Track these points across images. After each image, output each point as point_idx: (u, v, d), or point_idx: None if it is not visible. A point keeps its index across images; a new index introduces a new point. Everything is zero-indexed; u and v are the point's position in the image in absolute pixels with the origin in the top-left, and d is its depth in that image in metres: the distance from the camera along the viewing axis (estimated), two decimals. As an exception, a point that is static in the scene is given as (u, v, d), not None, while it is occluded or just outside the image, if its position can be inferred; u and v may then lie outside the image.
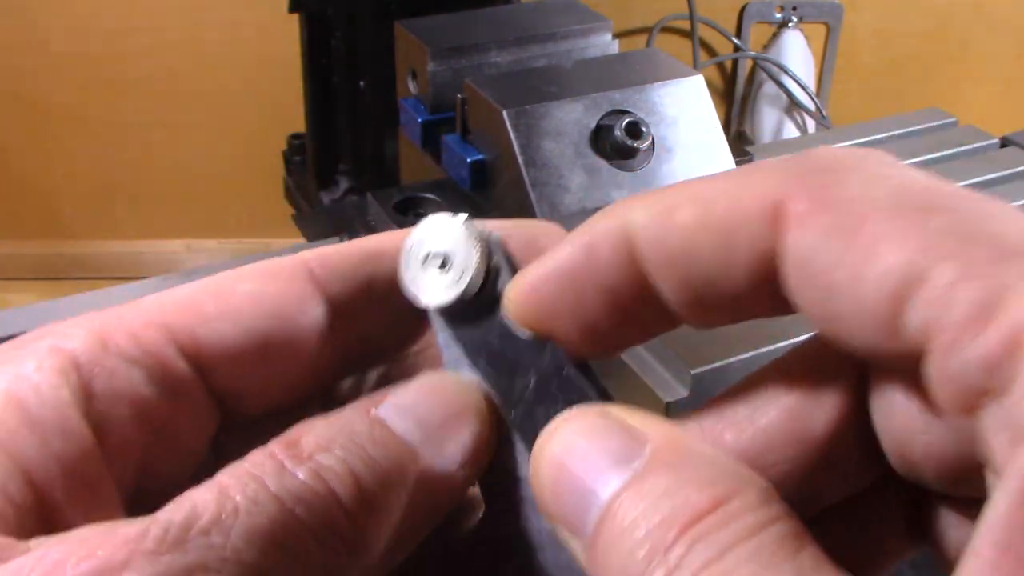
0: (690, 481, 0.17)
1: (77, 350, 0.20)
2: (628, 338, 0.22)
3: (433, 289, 0.22)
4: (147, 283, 0.58)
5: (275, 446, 0.19)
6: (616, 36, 0.66)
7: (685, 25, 1.13)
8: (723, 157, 0.55)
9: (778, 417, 0.21)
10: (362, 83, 0.78)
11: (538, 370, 0.22)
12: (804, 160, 0.19)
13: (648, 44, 1.13)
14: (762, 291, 0.19)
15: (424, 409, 0.21)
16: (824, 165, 0.18)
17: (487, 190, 0.55)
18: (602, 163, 0.52)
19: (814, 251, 0.18)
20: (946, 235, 0.17)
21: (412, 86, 0.64)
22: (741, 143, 1.00)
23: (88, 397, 0.19)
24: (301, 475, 0.18)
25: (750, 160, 0.59)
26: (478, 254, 0.22)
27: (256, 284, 0.22)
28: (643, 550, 0.17)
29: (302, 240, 0.73)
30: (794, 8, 1.16)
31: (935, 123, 0.80)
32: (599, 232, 0.20)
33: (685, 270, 0.19)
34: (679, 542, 0.17)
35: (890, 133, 0.79)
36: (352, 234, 0.57)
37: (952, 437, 0.18)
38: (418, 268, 0.22)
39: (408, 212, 0.56)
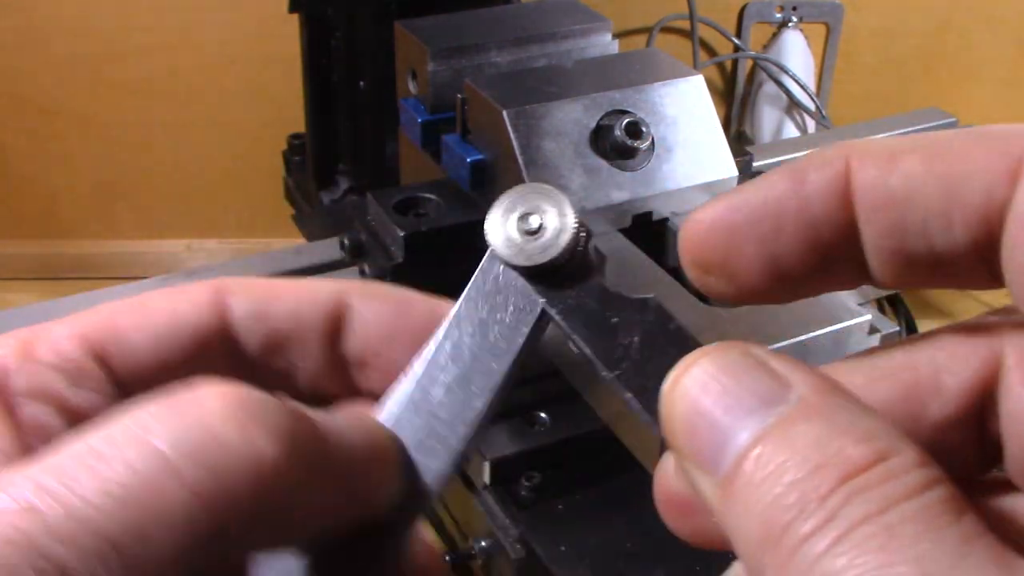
0: (845, 433, 0.17)
1: (6, 356, 0.22)
2: (805, 288, 0.21)
3: (528, 250, 0.23)
4: (147, 283, 0.58)
5: None
6: (616, 36, 0.66)
7: (685, 25, 1.13)
8: (723, 157, 0.55)
9: (892, 395, 0.20)
10: (362, 83, 0.78)
11: (644, 328, 0.22)
12: None
13: (648, 44, 1.13)
14: (974, 255, 0.18)
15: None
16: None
17: (487, 190, 0.55)
18: (602, 163, 0.52)
19: None
20: None
21: (412, 86, 0.64)
22: (741, 143, 1.00)
23: (10, 394, 0.21)
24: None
25: (750, 160, 0.59)
26: (574, 220, 0.23)
27: (166, 300, 0.24)
28: (792, 496, 0.16)
29: (302, 240, 0.73)
30: (794, 8, 1.16)
31: (935, 123, 0.80)
32: (814, 164, 0.20)
33: (900, 218, 0.19)
34: (837, 492, 0.16)
35: (890, 133, 0.79)
36: (352, 234, 0.57)
37: None
38: (511, 230, 0.23)
39: (408, 212, 0.56)
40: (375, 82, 0.76)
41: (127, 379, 0.23)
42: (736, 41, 1.16)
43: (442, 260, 0.54)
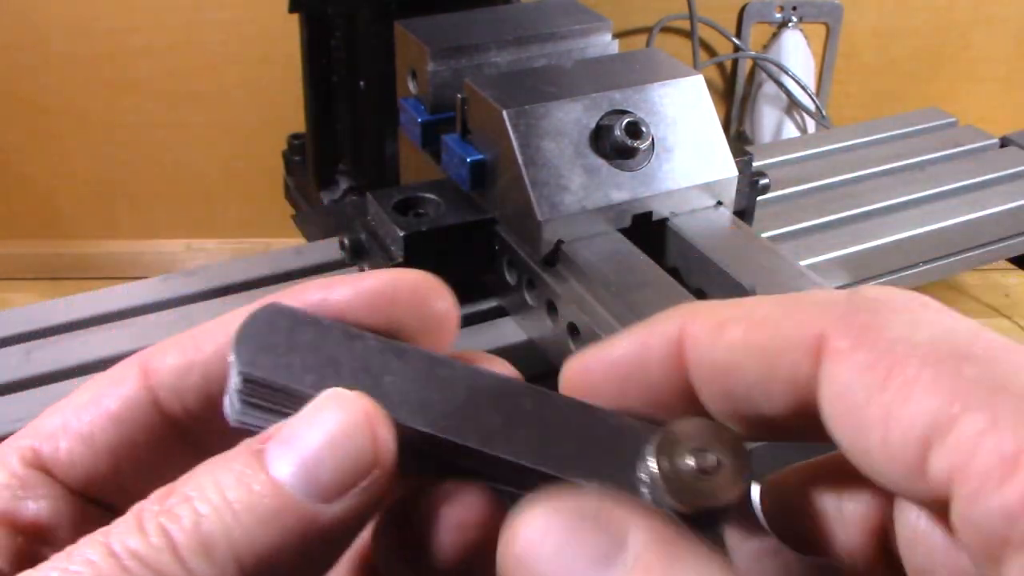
0: None
1: None
2: None
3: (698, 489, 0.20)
4: (147, 283, 0.58)
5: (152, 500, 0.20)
6: (616, 36, 0.66)
7: (685, 25, 1.13)
8: (723, 157, 0.55)
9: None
10: (362, 83, 0.78)
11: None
12: (852, 296, 0.19)
13: (648, 44, 1.13)
14: (799, 416, 0.19)
15: (315, 453, 0.19)
16: (871, 305, 0.19)
17: (487, 190, 0.55)
18: (602, 163, 0.52)
19: (849, 387, 0.18)
20: (977, 385, 0.17)
21: (412, 86, 0.64)
22: (741, 143, 1.00)
23: None
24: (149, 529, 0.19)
25: (750, 160, 0.59)
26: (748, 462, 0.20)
27: (91, 392, 0.24)
28: None
29: (302, 240, 0.73)
30: (794, 8, 1.16)
31: (935, 123, 0.80)
32: (656, 331, 0.21)
33: (728, 385, 0.20)
34: None
35: (890, 133, 0.79)
36: (352, 234, 0.57)
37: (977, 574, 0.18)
38: (679, 463, 0.20)
39: (408, 212, 0.56)
40: (375, 82, 0.76)
41: (74, 477, 0.23)
42: (736, 41, 1.16)
43: (442, 260, 0.54)
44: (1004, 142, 0.77)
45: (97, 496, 0.23)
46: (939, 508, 0.17)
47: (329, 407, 0.20)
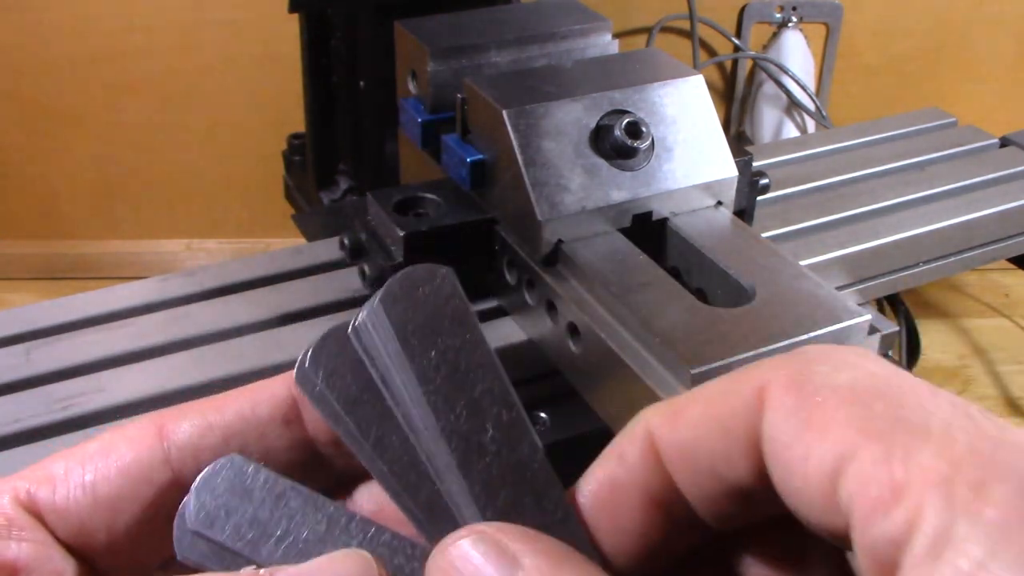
0: None
1: None
2: (672, 548, 0.23)
3: None
4: (147, 283, 0.58)
5: None
6: (616, 36, 0.66)
7: (685, 25, 1.13)
8: (723, 157, 0.55)
9: None
10: (362, 83, 0.78)
11: None
12: (795, 352, 0.21)
13: (648, 44, 1.13)
14: (763, 480, 0.20)
15: None
16: (806, 357, 0.20)
17: (487, 190, 0.55)
18: (602, 163, 0.52)
19: (781, 430, 0.19)
20: (882, 420, 0.18)
21: (412, 86, 0.64)
22: (741, 143, 1.00)
23: None
24: None
25: (750, 160, 0.59)
26: None
27: (101, 443, 0.24)
28: None
29: (302, 240, 0.73)
30: (794, 8, 1.16)
31: (935, 123, 0.80)
32: (625, 439, 0.22)
33: (696, 463, 0.21)
34: None
35: (890, 133, 0.79)
36: (352, 234, 0.57)
37: None
38: None
39: (408, 212, 0.56)
40: (375, 82, 0.76)
41: (64, 525, 0.24)
42: (736, 41, 1.16)
43: (442, 260, 0.54)
44: (1004, 142, 0.77)
45: (81, 549, 0.24)
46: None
47: (344, 560, 0.22)
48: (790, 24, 1.16)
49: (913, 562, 0.16)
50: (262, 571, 0.21)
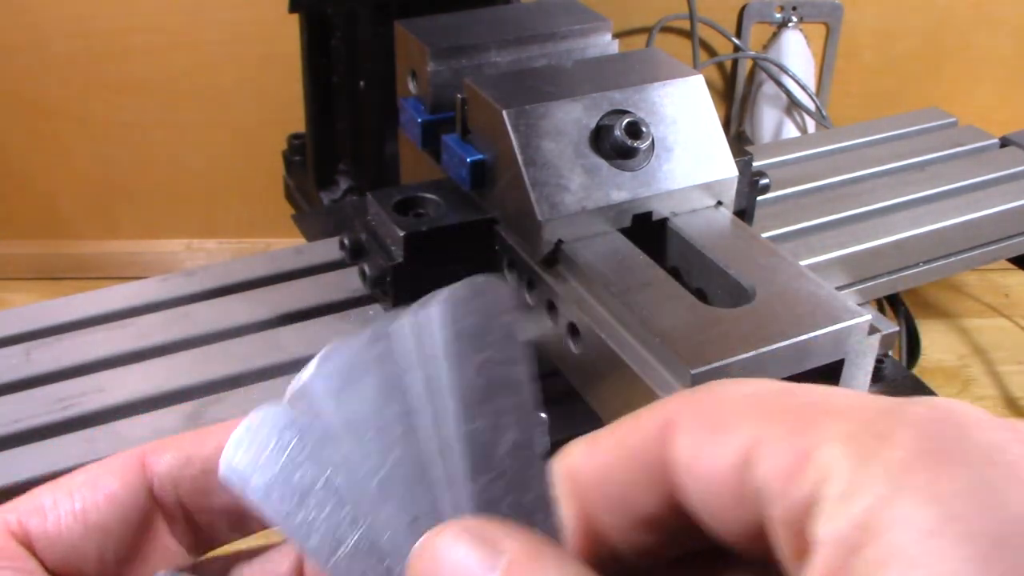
0: None
1: None
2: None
3: None
4: (147, 283, 0.58)
5: None
6: (616, 36, 0.66)
7: (685, 25, 1.13)
8: (723, 157, 0.55)
9: None
10: (362, 83, 0.78)
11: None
12: (697, 387, 0.22)
13: (648, 44, 1.13)
14: (675, 512, 0.21)
15: None
16: (710, 384, 0.21)
17: (487, 190, 0.55)
18: (602, 163, 0.52)
19: (688, 447, 0.20)
20: (786, 408, 0.19)
21: (412, 86, 0.64)
22: (741, 143, 1.00)
23: None
24: None
25: (750, 160, 0.59)
26: None
27: (87, 475, 0.25)
28: None
29: (302, 240, 0.73)
30: (794, 8, 1.16)
31: (935, 123, 0.80)
32: (556, 477, 0.23)
33: (608, 494, 0.22)
34: None
35: (890, 133, 0.79)
36: (352, 234, 0.57)
37: None
38: None
39: (408, 212, 0.56)
40: (375, 82, 0.76)
41: (53, 553, 0.24)
42: (736, 41, 1.16)
43: (442, 260, 0.54)
44: (1004, 142, 0.77)
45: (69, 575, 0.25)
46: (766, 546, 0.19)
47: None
48: (790, 24, 1.16)
49: (825, 516, 0.17)
50: None
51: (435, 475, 0.23)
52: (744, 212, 0.60)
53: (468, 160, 0.55)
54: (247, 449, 0.22)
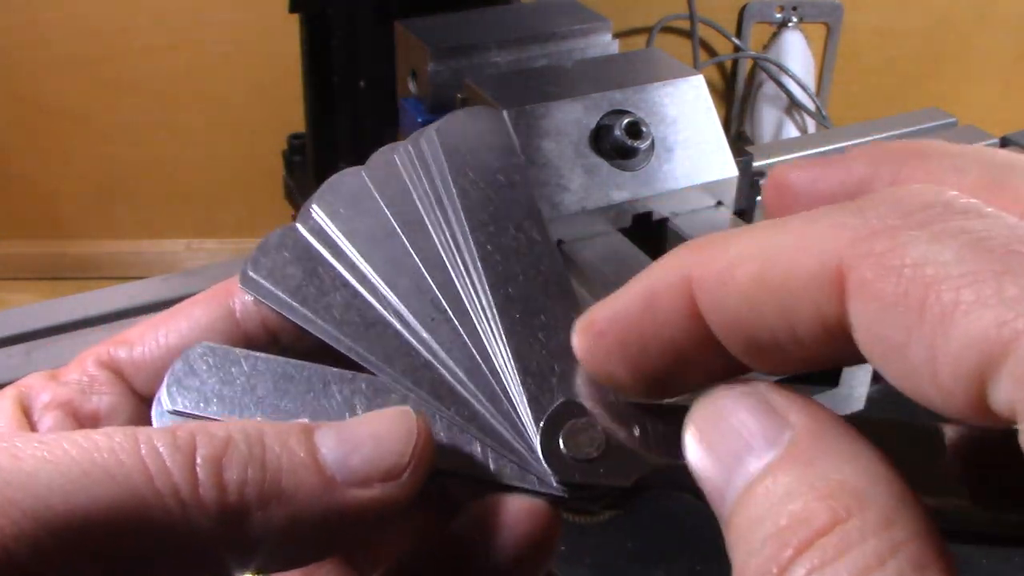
0: (813, 486, 0.17)
1: (36, 381, 0.27)
2: (692, 383, 0.21)
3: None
4: (147, 283, 0.58)
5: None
6: (616, 36, 0.66)
7: (685, 25, 1.13)
8: (723, 157, 0.55)
9: None
10: (362, 83, 0.78)
11: None
12: (867, 212, 0.18)
13: (648, 44, 1.13)
14: (831, 347, 0.18)
15: (357, 441, 0.22)
16: (889, 222, 0.17)
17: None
18: (602, 163, 0.52)
19: (882, 324, 0.17)
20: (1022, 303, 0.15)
21: (412, 86, 0.64)
22: (741, 143, 1.00)
23: (32, 408, 0.26)
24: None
25: (750, 160, 0.59)
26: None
27: (176, 308, 0.27)
28: (761, 558, 0.17)
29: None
30: (794, 8, 1.16)
31: (935, 123, 0.80)
32: (659, 283, 0.20)
33: (748, 327, 0.19)
34: (795, 565, 0.16)
35: (890, 133, 0.79)
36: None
37: None
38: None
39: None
40: (375, 82, 0.76)
41: (140, 378, 0.26)
42: (736, 41, 1.16)
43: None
44: (1004, 142, 0.77)
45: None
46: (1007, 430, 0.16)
47: (388, 415, 0.22)
48: (790, 24, 1.16)
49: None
50: (308, 422, 0.22)
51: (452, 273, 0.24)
52: (744, 212, 0.60)
53: (468, 160, 0.55)
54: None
